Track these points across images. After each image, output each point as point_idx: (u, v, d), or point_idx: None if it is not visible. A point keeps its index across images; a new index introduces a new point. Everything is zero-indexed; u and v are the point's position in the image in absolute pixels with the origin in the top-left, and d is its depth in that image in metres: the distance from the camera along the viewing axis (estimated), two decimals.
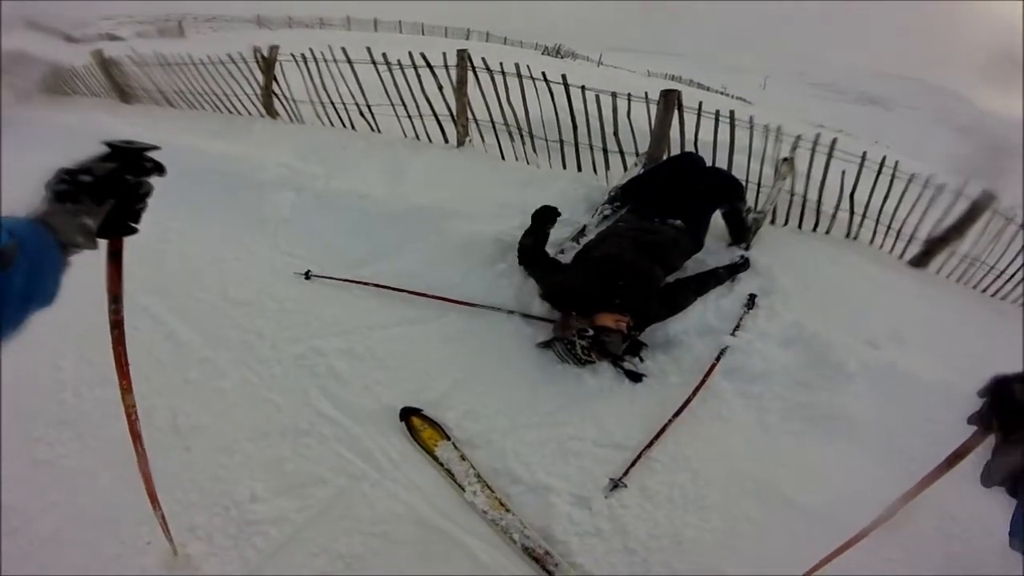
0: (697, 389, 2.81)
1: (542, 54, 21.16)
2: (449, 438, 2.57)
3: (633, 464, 2.48)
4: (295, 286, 3.56)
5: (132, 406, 1.64)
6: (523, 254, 3.40)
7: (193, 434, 2.58)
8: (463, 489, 2.35)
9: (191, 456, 2.48)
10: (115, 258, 1.33)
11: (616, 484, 2.40)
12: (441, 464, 2.45)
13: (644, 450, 2.53)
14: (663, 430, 2.62)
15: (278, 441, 2.56)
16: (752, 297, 3.27)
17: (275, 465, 2.45)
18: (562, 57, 22.73)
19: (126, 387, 1.58)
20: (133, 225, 1.19)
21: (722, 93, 20.22)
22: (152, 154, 1.16)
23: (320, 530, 2.22)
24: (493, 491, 2.35)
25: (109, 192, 1.10)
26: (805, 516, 2.32)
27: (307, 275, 3.61)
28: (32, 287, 0.93)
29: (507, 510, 2.28)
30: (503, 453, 2.54)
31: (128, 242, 1.26)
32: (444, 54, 4.80)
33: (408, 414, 2.65)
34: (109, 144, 1.13)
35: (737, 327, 3.10)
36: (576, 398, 2.83)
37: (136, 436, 1.70)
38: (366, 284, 3.49)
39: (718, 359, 2.95)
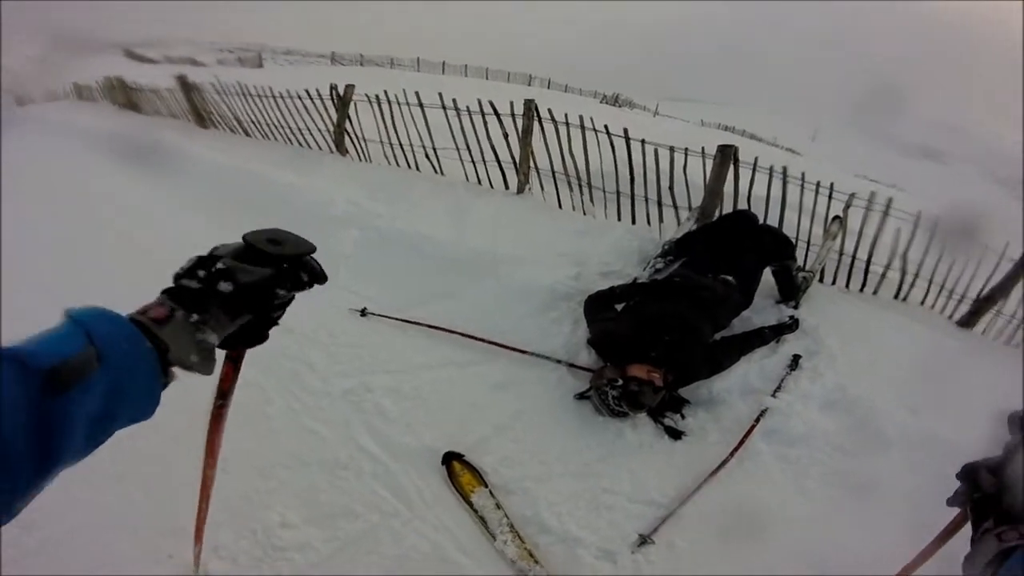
0: (735, 450, 2.79)
1: (600, 102, 21.41)
2: (486, 485, 2.58)
3: (664, 521, 2.46)
4: (351, 322, 3.65)
5: (211, 478, 1.55)
6: (597, 296, 3.43)
7: (231, 455, 2.60)
8: (494, 537, 2.36)
9: (226, 477, 2.49)
10: (233, 362, 1.14)
11: (644, 540, 2.38)
12: (476, 510, 2.46)
13: (677, 508, 2.52)
14: (697, 489, 2.60)
15: (316, 471, 2.60)
16: (796, 358, 3.24)
17: (309, 494, 2.48)
18: (619, 106, 22.97)
19: (211, 464, 1.49)
20: (263, 334, 0.95)
21: (773, 144, 20.06)
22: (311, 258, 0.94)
23: (344, 562, 2.24)
24: (523, 541, 2.36)
25: (250, 306, 0.86)
26: None
27: (363, 312, 3.69)
28: (112, 407, 0.70)
29: (536, 561, 2.28)
30: (536, 501, 2.54)
31: None
32: (511, 103, 4.92)
33: (450, 458, 2.67)
34: (247, 242, 0.87)
35: (779, 388, 3.08)
36: (614, 451, 2.84)
37: (206, 500, 1.65)
38: (420, 324, 3.56)
39: (758, 420, 2.93)
